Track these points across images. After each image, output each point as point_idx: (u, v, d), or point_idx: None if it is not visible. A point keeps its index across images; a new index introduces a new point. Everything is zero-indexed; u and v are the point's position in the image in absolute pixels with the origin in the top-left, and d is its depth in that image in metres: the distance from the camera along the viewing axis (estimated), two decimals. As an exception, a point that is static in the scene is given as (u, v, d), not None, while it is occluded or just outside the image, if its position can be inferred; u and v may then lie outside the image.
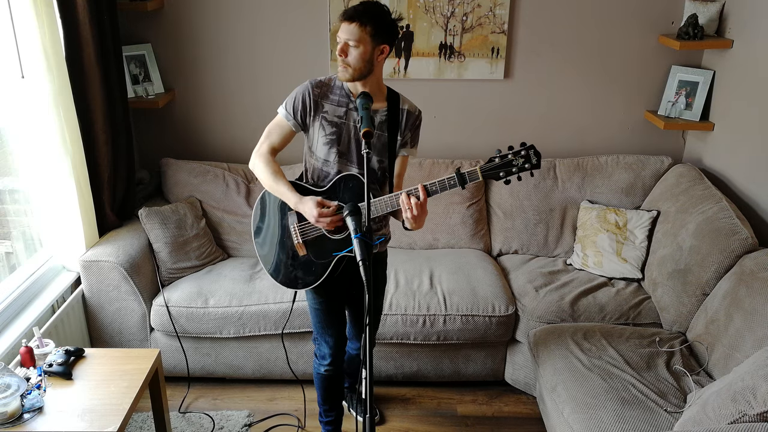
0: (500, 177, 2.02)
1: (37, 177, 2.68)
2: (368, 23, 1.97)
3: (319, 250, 2.19)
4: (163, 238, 2.99)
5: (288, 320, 2.80)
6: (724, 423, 1.81)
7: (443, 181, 2.01)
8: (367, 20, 1.97)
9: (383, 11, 2.02)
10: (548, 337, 2.65)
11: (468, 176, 2.00)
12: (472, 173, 2.01)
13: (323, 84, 2.14)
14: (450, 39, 3.32)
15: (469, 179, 2.00)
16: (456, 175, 2.00)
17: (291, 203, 2.13)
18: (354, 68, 2.01)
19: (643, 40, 3.33)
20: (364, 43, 1.99)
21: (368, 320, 1.52)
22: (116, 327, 2.89)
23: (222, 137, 3.52)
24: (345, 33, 1.99)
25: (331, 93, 2.14)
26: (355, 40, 1.98)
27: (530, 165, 2.01)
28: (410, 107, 2.18)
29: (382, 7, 2.03)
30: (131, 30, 3.27)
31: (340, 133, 2.13)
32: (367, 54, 2.00)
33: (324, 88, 2.14)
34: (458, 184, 2.00)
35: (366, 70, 2.03)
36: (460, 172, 2.00)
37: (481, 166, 2.02)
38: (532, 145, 2.02)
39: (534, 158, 2.01)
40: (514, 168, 2.01)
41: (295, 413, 2.85)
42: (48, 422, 1.96)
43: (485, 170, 2.01)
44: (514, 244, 3.32)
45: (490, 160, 2.02)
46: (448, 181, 2.01)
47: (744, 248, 2.55)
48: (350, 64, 2.01)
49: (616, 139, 3.53)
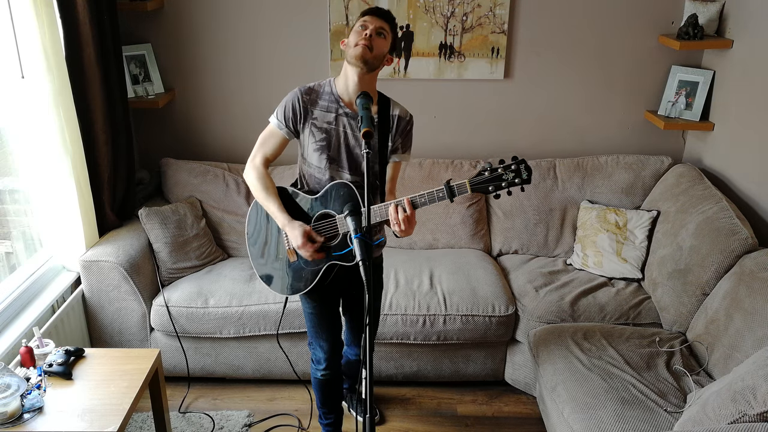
0: (489, 191, 2.00)
1: (37, 177, 2.68)
2: (393, 30, 2.11)
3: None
4: (163, 238, 2.99)
5: (281, 323, 2.80)
6: (724, 423, 1.81)
7: (432, 193, 2.01)
8: (393, 26, 2.11)
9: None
10: (548, 337, 2.65)
11: (457, 189, 1.99)
12: (461, 186, 1.99)
13: (312, 90, 2.15)
14: (450, 39, 3.32)
15: (458, 192, 1.99)
16: (445, 187, 1.99)
17: (279, 223, 2.15)
18: (375, 53, 2.03)
19: (643, 40, 3.33)
20: (389, 39, 2.08)
21: (368, 320, 1.52)
22: (116, 327, 2.89)
23: (222, 137, 3.52)
24: (378, 22, 2.06)
25: (320, 99, 2.14)
26: (385, 30, 2.06)
27: (520, 180, 1.98)
28: (401, 112, 2.18)
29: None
30: (131, 30, 3.28)
31: (330, 139, 2.13)
32: (386, 49, 2.07)
33: (313, 95, 2.14)
34: (447, 197, 1.99)
35: (377, 62, 2.06)
36: (449, 185, 1.99)
37: (470, 179, 2.00)
38: (523, 159, 2.00)
39: (524, 173, 1.99)
40: (504, 182, 1.99)
41: (295, 413, 2.85)
42: (48, 422, 1.96)
43: (474, 184, 1.99)
44: (514, 244, 3.32)
45: (479, 174, 2.00)
46: (437, 193, 2.00)
47: (744, 248, 2.55)
48: (374, 46, 2.03)
49: (616, 139, 3.53)
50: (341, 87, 2.12)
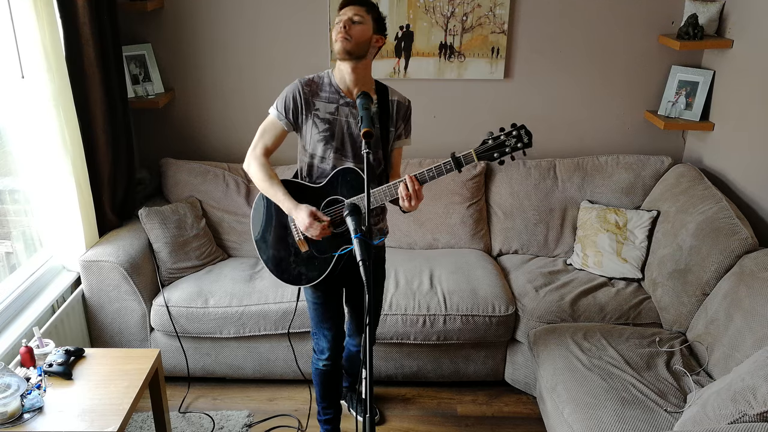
0: (495, 158, 2.06)
1: (37, 177, 2.68)
2: (371, 11, 2.09)
3: (322, 245, 2.20)
4: (163, 238, 2.99)
5: (294, 318, 2.79)
6: (724, 423, 1.81)
7: (440, 167, 2.07)
8: (370, 8, 2.10)
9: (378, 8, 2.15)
10: (548, 337, 2.65)
11: (464, 159, 2.05)
12: (467, 156, 2.05)
13: (312, 82, 2.18)
14: (450, 39, 3.32)
15: (465, 162, 2.05)
16: (452, 159, 2.05)
17: (285, 208, 2.17)
18: (355, 41, 2.05)
19: (643, 40, 3.33)
20: (367, 23, 2.07)
21: (368, 320, 1.53)
22: (116, 327, 2.89)
23: (222, 137, 3.52)
24: (350, 11, 2.07)
25: (321, 90, 2.17)
26: (360, 16, 2.05)
27: (522, 144, 2.06)
28: (400, 98, 2.24)
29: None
30: (131, 30, 3.27)
31: (333, 129, 2.16)
32: (368, 34, 2.07)
33: (313, 86, 2.17)
34: (454, 168, 2.05)
35: (363, 50, 2.07)
36: (455, 156, 2.05)
37: (475, 148, 2.07)
38: (523, 125, 2.07)
39: (525, 137, 2.06)
40: (507, 148, 2.06)
41: (295, 413, 2.85)
42: (48, 422, 1.96)
43: (480, 152, 2.06)
44: (514, 244, 3.32)
45: (483, 143, 2.07)
46: (444, 166, 2.06)
47: (744, 248, 2.55)
48: (353, 35, 2.04)
49: (616, 139, 3.53)
50: (338, 79, 2.17)
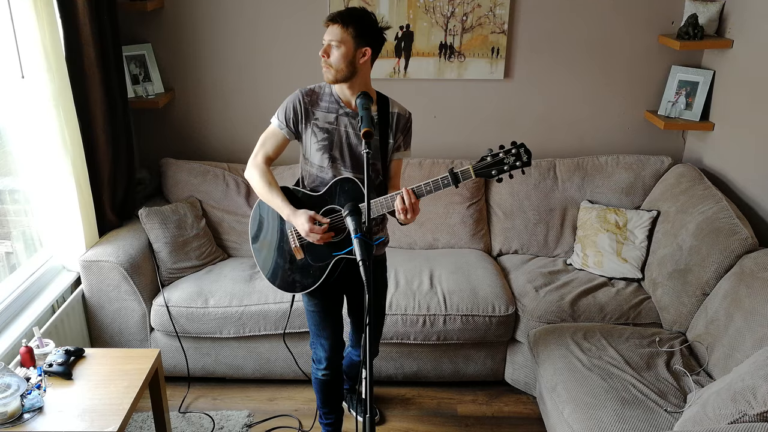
0: (492, 175, 2.07)
1: (37, 177, 2.68)
2: (350, 25, 2.02)
3: (317, 253, 2.21)
4: (163, 238, 2.99)
5: (288, 321, 2.80)
6: (724, 423, 1.81)
7: (437, 181, 2.07)
8: (349, 22, 2.02)
9: (366, 14, 2.07)
10: (548, 337, 2.65)
11: (461, 175, 2.06)
12: (465, 172, 2.06)
13: (313, 92, 2.19)
14: (450, 39, 3.32)
15: (462, 178, 2.06)
16: (449, 174, 2.05)
17: (284, 215, 2.17)
18: (336, 69, 2.05)
19: (643, 40, 3.33)
20: (346, 44, 2.02)
21: (368, 320, 1.53)
22: (116, 327, 2.89)
23: (222, 137, 3.52)
24: (328, 34, 2.05)
25: (321, 100, 2.18)
26: (337, 40, 2.02)
27: (521, 163, 2.06)
28: (400, 110, 2.22)
29: (366, 11, 2.08)
30: (131, 30, 3.27)
31: (332, 139, 2.17)
32: (349, 55, 2.03)
33: (314, 96, 2.18)
34: (452, 183, 2.06)
35: (348, 71, 2.06)
36: (453, 172, 2.05)
37: (473, 165, 2.07)
38: (523, 143, 2.07)
39: (525, 156, 2.06)
40: (506, 166, 2.06)
41: (295, 413, 2.85)
42: (48, 422, 1.96)
43: (478, 169, 2.06)
44: (514, 244, 3.32)
45: (482, 159, 2.07)
46: (442, 181, 2.07)
47: (744, 248, 2.55)
48: (332, 64, 2.05)
49: (616, 139, 3.53)
50: (338, 90, 2.17)
